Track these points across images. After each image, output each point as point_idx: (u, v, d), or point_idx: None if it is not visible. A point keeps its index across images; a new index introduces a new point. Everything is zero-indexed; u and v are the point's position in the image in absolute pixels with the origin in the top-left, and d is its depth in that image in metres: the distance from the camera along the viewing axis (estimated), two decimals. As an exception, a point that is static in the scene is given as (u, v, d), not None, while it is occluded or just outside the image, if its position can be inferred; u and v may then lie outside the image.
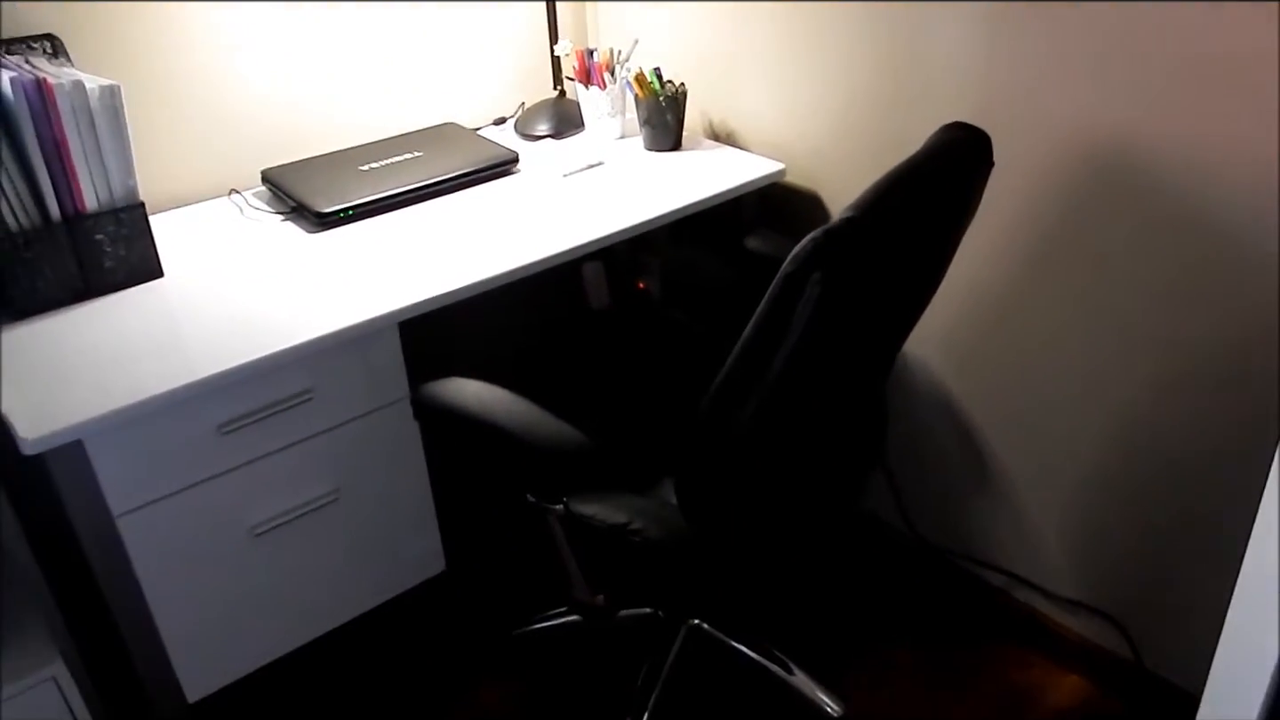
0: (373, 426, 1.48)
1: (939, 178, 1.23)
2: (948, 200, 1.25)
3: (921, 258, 1.26)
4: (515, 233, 1.61)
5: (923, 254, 1.25)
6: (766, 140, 1.90)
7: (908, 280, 1.26)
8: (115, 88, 1.37)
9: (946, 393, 1.78)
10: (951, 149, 1.26)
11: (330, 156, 1.85)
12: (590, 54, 1.94)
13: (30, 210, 1.38)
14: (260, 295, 1.45)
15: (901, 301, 1.30)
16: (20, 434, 1.17)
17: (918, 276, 1.29)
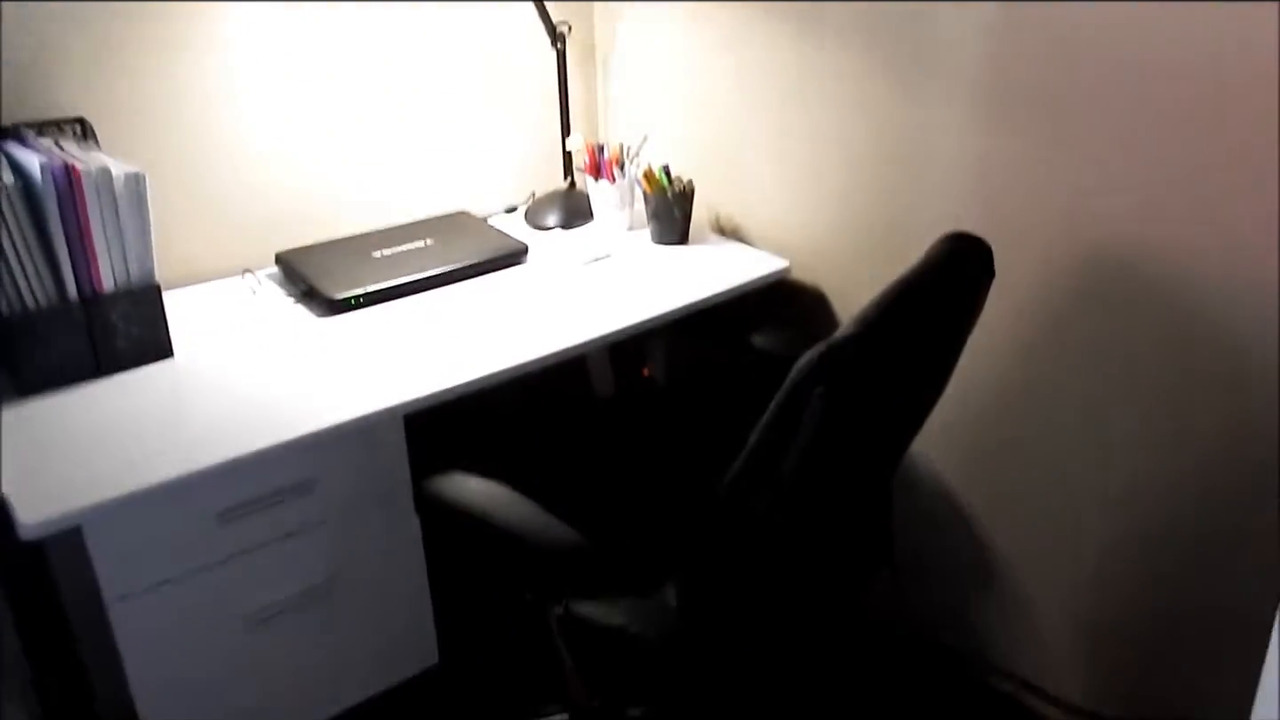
0: (372, 517, 1.48)
1: (941, 290, 1.25)
2: (950, 312, 1.27)
3: (924, 368, 1.27)
4: (523, 325, 1.63)
5: (926, 365, 1.27)
6: (772, 236, 1.93)
7: (911, 390, 1.28)
8: (140, 175, 1.40)
9: (951, 492, 1.78)
10: (953, 260, 1.28)
11: (344, 241, 1.88)
12: (601, 149, 1.99)
13: (49, 288, 1.40)
14: (268, 380, 1.46)
15: (905, 409, 1.31)
16: (20, 518, 1.16)
17: (921, 386, 1.30)
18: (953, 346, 1.30)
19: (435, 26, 1.95)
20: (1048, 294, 1.53)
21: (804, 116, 1.79)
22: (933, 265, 1.26)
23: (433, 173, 2.05)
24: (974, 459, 1.73)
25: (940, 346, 1.28)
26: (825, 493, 1.24)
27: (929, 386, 1.32)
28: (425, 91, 1.98)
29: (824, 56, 1.71)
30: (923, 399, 1.33)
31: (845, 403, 1.09)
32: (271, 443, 1.31)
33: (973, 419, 1.69)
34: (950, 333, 1.28)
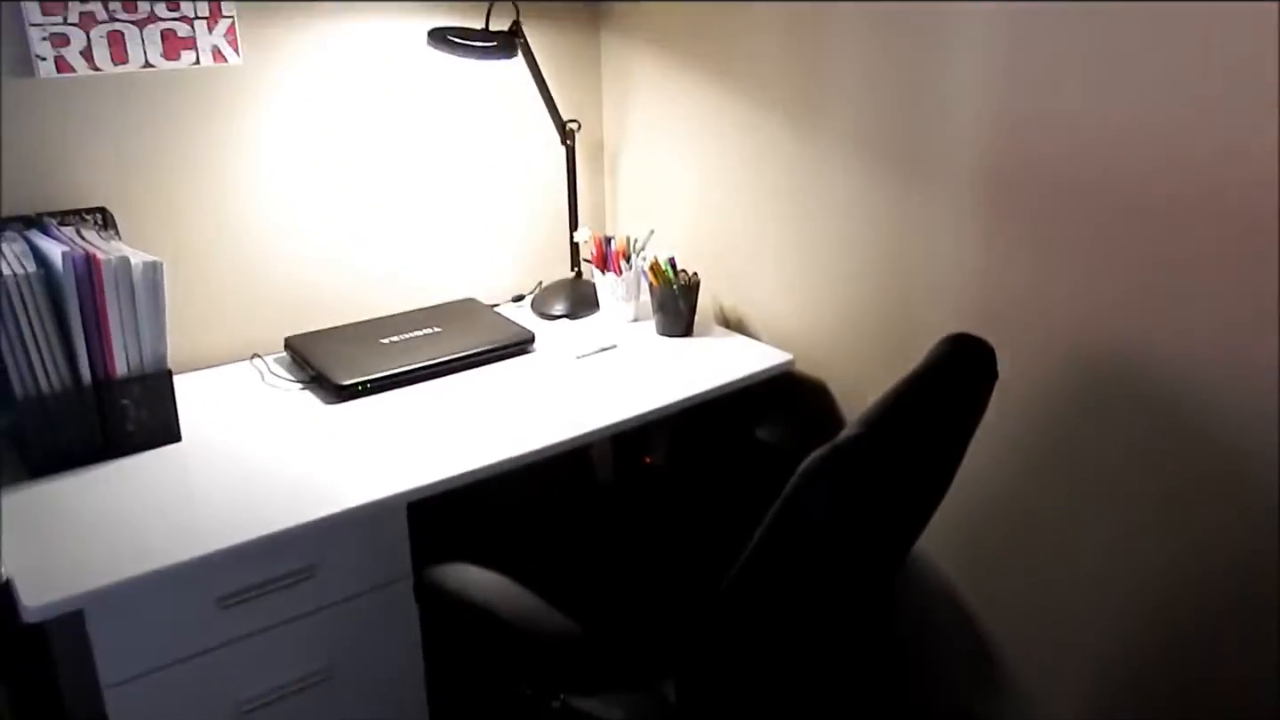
0: (371, 606, 1.48)
1: (944, 391, 1.27)
2: (953, 413, 1.29)
3: (928, 469, 1.28)
4: (528, 414, 1.65)
5: (929, 466, 1.28)
6: (776, 329, 1.96)
7: (915, 490, 1.28)
8: (157, 264, 1.44)
9: (954, 591, 1.77)
10: (955, 361, 1.30)
11: (353, 326, 1.91)
12: (608, 241, 2.03)
13: (63, 372, 1.43)
14: (274, 466, 1.48)
15: (909, 510, 1.32)
16: (23, 601, 1.17)
17: (924, 486, 1.31)
18: (956, 447, 1.32)
19: (448, 119, 2.01)
20: (1049, 394, 1.55)
21: (808, 214, 1.83)
22: (935, 366, 1.28)
23: (442, 261, 2.09)
24: (976, 557, 1.73)
25: (944, 447, 1.29)
26: (827, 592, 1.25)
27: (932, 487, 1.33)
28: (436, 181, 2.03)
29: (828, 157, 1.76)
30: (926, 499, 1.34)
31: (849, 504, 1.10)
32: (274, 529, 1.32)
33: (975, 518, 1.70)
34: (953, 433, 1.29)
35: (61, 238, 1.47)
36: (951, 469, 1.36)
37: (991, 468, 1.64)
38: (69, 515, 1.35)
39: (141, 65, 1.63)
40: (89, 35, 1.57)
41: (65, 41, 1.55)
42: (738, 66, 1.88)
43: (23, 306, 1.36)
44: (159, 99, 1.68)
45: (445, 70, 1.97)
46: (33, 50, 1.53)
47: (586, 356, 1.88)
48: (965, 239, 1.60)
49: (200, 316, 1.81)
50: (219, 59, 1.69)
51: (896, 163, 1.66)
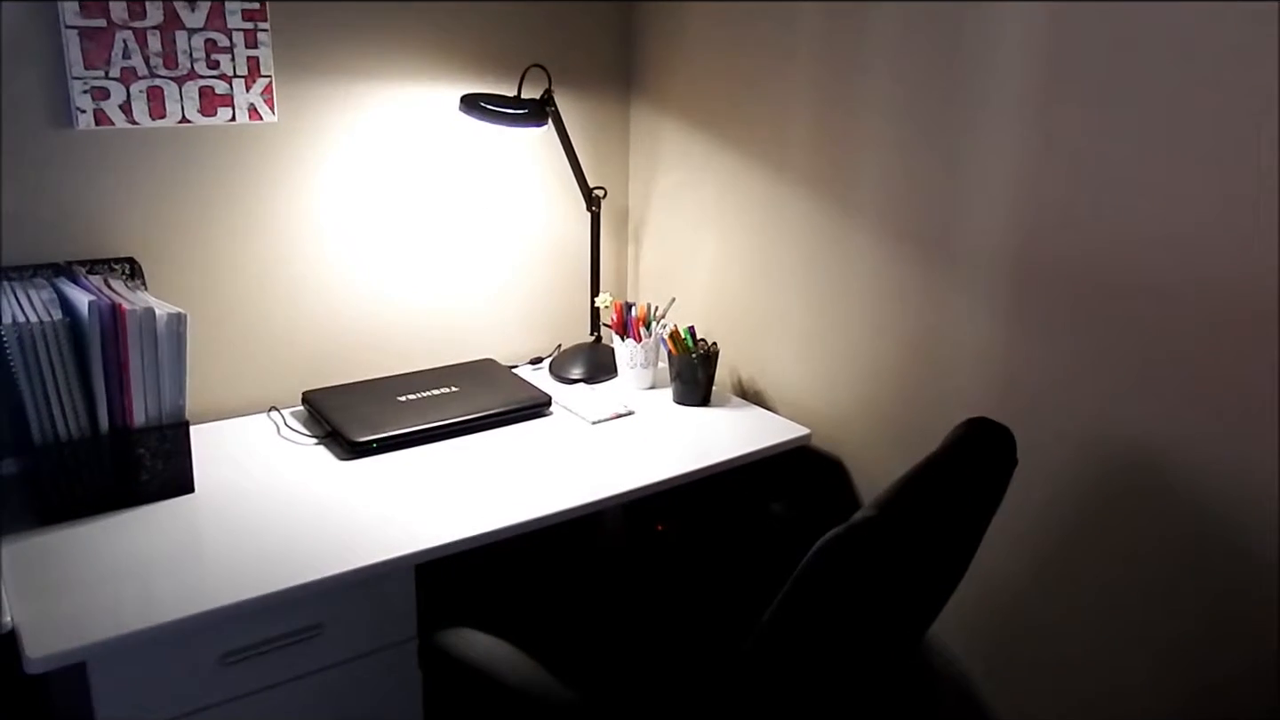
0: (375, 667, 1.46)
1: (962, 476, 1.26)
2: (971, 498, 1.27)
3: (943, 554, 1.27)
4: (542, 478, 1.64)
5: (945, 550, 1.26)
6: (793, 403, 1.95)
7: (929, 575, 1.27)
8: (181, 315, 1.45)
9: (969, 681, 1.74)
10: (975, 446, 1.29)
11: (371, 383, 1.92)
12: (629, 307, 2.04)
13: (82, 420, 1.43)
14: (284, 522, 1.47)
15: (923, 595, 1.30)
16: (27, 651, 1.16)
17: (940, 571, 1.29)
18: (973, 533, 1.30)
19: (475, 182, 2.04)
20: (1070, 484, 1.53)
21: (830, 290, 1.84)
22: (954, 450, 1.27)
23: (462, 320, 2.10)
24: (990, 644, 1.69)
25: (960, 533, 1.27)
26: (838, 670, 1.22)
27: (948, 572, 1.31)
28: (461, 242, 2.06)
29: (851, 235, 1.77)
30: (941, 585, 1.32)
31: (862, 585, 1.09)
32: (282, 586, 1.31)
33: (990, 605, 1.66)
34: (971, 519, 1.28)
35: (89, 286, 1.49)
36: (967, 556, 1.34)
37: (1009, 556, 1.61)
38: (78, 564, 1.35)
39: (178, 120, 1.66)
40: (129, 90, 1.60)
41: (105, 95, 1.59)
42: (765, 141, 1.91)
43: (47, 353, 1.37)
44: (193, 154, 1.71)
45: (475, 134, 2.00)
46: (73, 103, 1.57)
47: (603, 422, 1.88)
48: (988, 324, 1.59)
49: (220, 368, 1.82)
50: (255, 117, 1.73)
51: (921, 244, 1.66)
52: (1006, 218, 1.53)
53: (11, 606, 1.23)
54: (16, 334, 1.35)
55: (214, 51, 1.66)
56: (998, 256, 1.56)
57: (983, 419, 1.32)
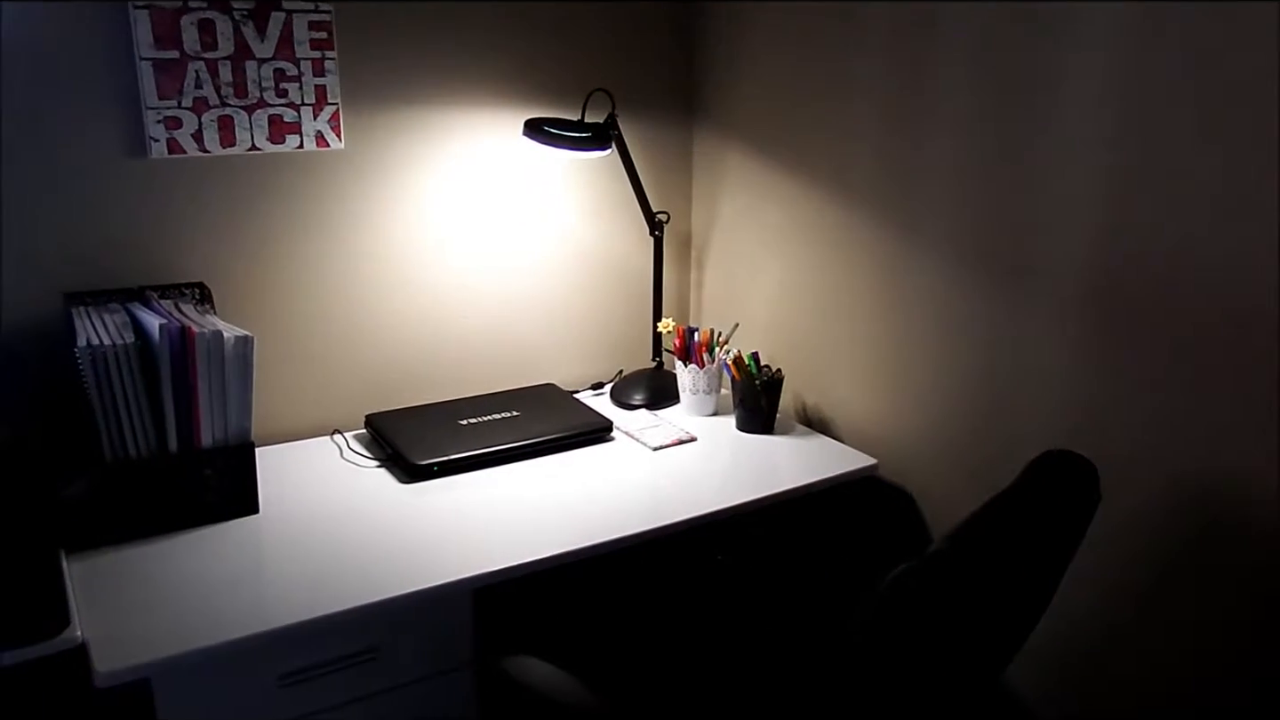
0: (431, 692, 1.46)
1: (1039, 510, 1.20)
2: (1049, 535, 1.22)
3: (1020, 593, 1.21)
4: (601, 504, 1.63)
5: (1021, 589, 1.21)
6: (859, 432, 1.91)
7: (1004, 615, 1.21)
8: (248, 338, 1.47)
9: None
10: (1054, 480, 1.23)
11: (433, 407, 1.93)
12: (691, 332, 2.02)
13: (150, 440, 1.46)
14: (345, 543, 1.47)
15: (998, 635, 1.24)
16: (95, 666, 1.18)
17: (1016, 611, 1.24)
18: (1052, 571, 1.24)
19: (538, 206, 2.05)
20: (1158, 521, 1.45)
21: (897, 316, 1.80)
22: (1032, 483, 1.21)
23: (523, 345, 2.10)
24: (1068, 689, 1.61)
25: (1038, 571, 1.22)
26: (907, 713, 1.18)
27: (1024, 613, 1.25)
28: (523, 266, 2.06)
29: (919, 259, 1.73)
30: (1017, 626, 1.27)
31: (933, 624, 1.05)
32: (341, 608, 1.32)
33: (1072, 650, 1.58)
34: (1049, 556, 1.22)
35: (160, 310, 1.52)
36: (1046, 595, 1.27)
37: (1092, 597, 1.53)
38: (145, 582, 1.36)
39: (248, 148, 1.69)
40: (201, 119, 1.64)
41: (178, 124, 1.62)
42: (829, 164, 1.88)
43: (119, 375, 1.40)
44: (261, 181, 1.74)
45: (538, 160, 2.01)
46: (147, 132, 1.61)
47: (664, 448, 1.86)
48: (1067, 351, 1.53)
49: (285, 391, 1.84)
50: (321, 144, 1.76)
51: (993, 269, 1.62)
52: (1088, 241, 1.47)
53: (81, 622, 1.24)
54: (90, 356, 1.38)
55: (283, 80, 1.69)
56: (1078, 281, 1.50)
57: (1063, 451, 1.25)
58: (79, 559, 1.40)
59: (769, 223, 2.04)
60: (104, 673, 1.18)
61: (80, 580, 1.35)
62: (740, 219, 2.13)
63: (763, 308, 2.09)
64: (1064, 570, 1.26)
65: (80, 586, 1.34)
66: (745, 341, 2.06)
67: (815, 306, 1.97)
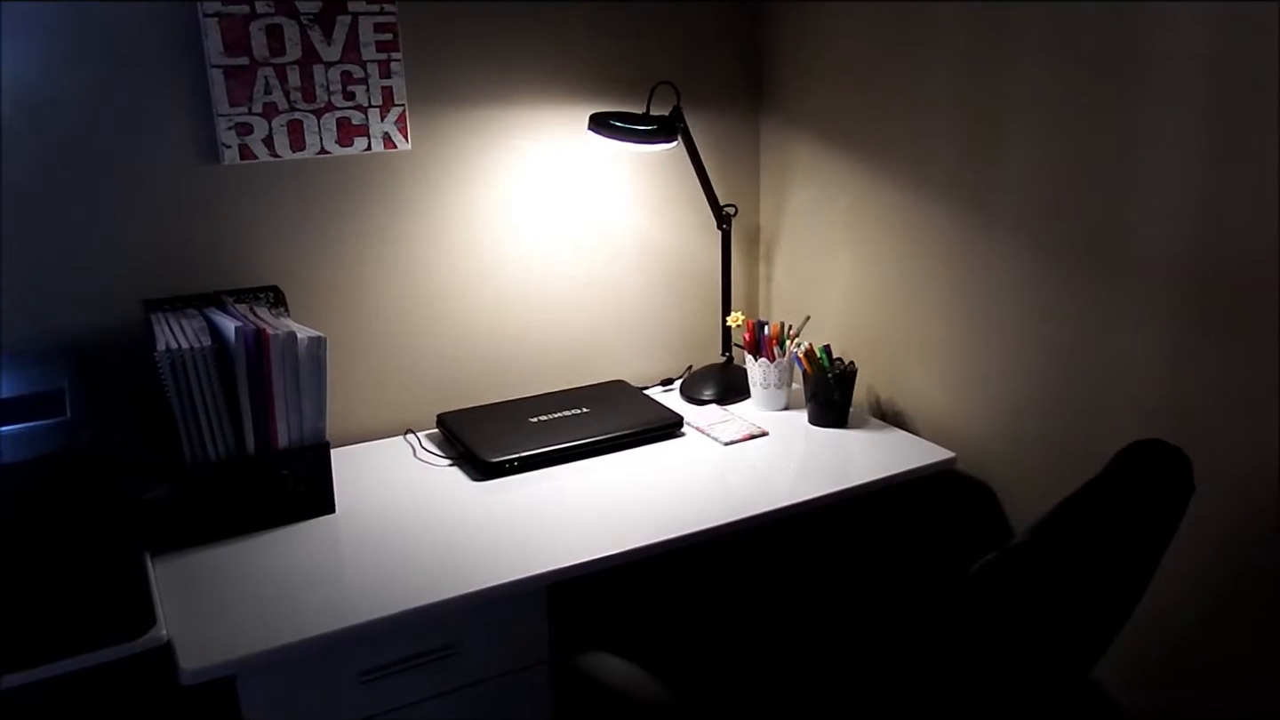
0: (508, 689, 1.45)
1: (1128, 502, 1.15)
2: (1138, 528, 1.17)
3: (1106, 588, 1.17)
4: (674, 499, 1.61)
5: (1107, 585, 1.16)
6: (936, 425, 1.87)
7: (1089, 610, 1.17)
8: (322, 339, 1.48)
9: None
10: (1144, 471, 1.19)
11: (503, 405, 1.93)
12: (761, 326, 1.99)
13: (229, 442, 1.48)
14: (421, 541, 1.48)
15: (1084, 632, 1.20)
16: (181, 664, 1.21)
17: (1101, 607, 1.19)
18: (1142, 566, 1.19)
19: (604, 202, 2.04)
20: (1254, 514, 1.39)
21: (975, 305, 1.75)
22: (1121, 474, 1.16)
23: (592, 342, 2.10)
24: (1158, 689, 1.55)
25: (1127, 565, 1.17)
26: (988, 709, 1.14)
27: (1112, 609, 1.21)
28: (590, 263, 2.05)
29: (997, 245, 1.68)
30: (1104, 622, 1.22)
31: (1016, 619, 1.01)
32: (418, 604, 1.32)
33: (1165, 650, 1.52)
34: (1139, 550, 1.17)
35: (236, 314, 1.54)
36: (1136, 591, 1.23)
37: (1185, 594, 1.47)
38: (227, 582, 1.39)
39: (317, 152, 1.71)
40: (271, 124, 1.66)
41: (249, 130, 1.65)
42: (901, 150, 1.84)
43: (197, 378, 1.43)
44: (331, 184, 1.76)
45: (604, 155, 2.00)
46: (219, 139, 1.63)
47: (736, 443, 1.84)
48: (1155, 341, 1.47)
49: (358, 392, 1.86)
50: (389, 145, 1.77)
51: (1077, 256, 1.56)
52: (1182, 228, 1.41)
53: (166, 621, 1.27)
54: (169, 360, 1.41)
55: (350, 83, 1.70)
56: (1170, 268, 1.43)
57: (1154, 441, 1.20)
58: (163, 560, 1.43)
59: (839, 213, 2.01)
60: (190, 670, 1.20)
61: (164, 581, 1.38)
62: (810, 210, 2.09)
63: (834, 300, 2.06)
64: (1156, 564, 1.21)
65: (164, 587, 1.36)
66: (816, 335, 2.02)
67: (888, 298, 1.93)
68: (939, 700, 1.07)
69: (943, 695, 1.07)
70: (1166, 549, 1.21)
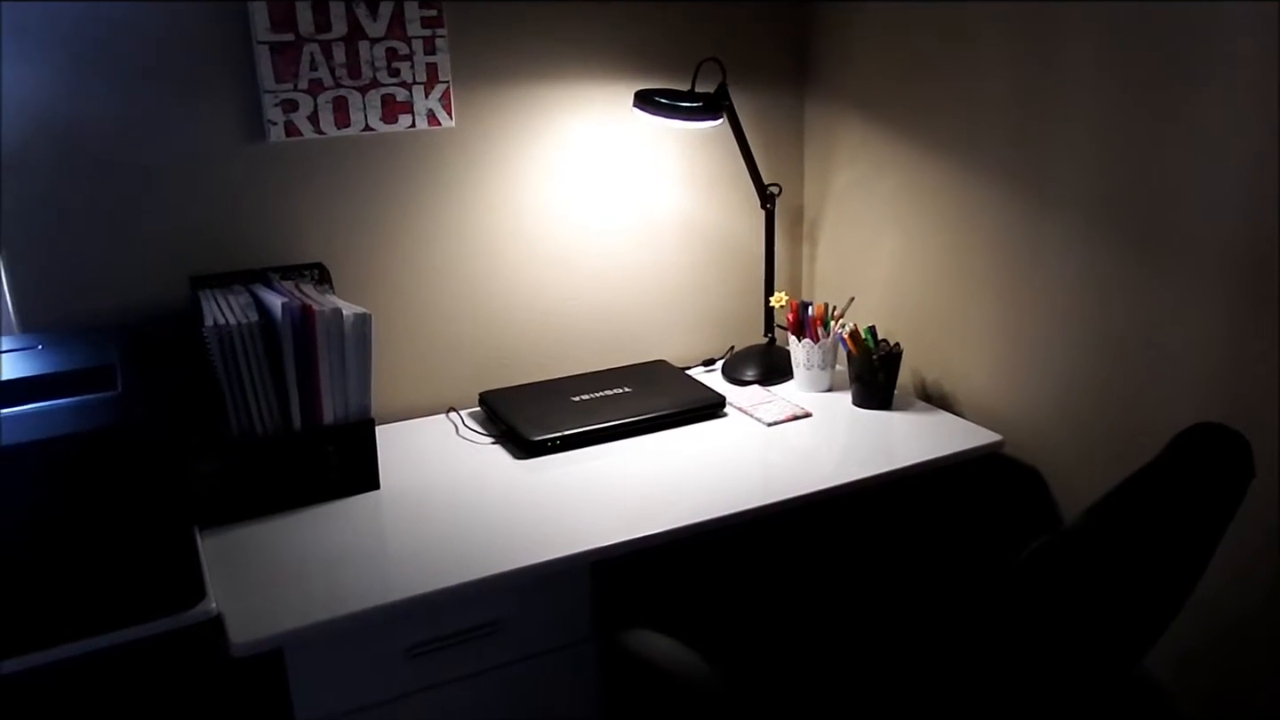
0: (551, 665, 1.46)
1: (1185, 486, 1.13)
2: (1195, 512, 1.14)
3: (1161, 573, 1.14)
4: (717, 478, 1.60)
5: (1163, 569, 1.14)
6: (983, 408, 1.84)
7: (1144, 595, 1.15)
8: (367, 316, 1.49)
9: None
10: (1202, 455, 1.16)
11: (546, 384, 1.93)
12: (805, 307, 1.97)
13: (276, 418, 1.49)
14: (464, 519, 1.49)
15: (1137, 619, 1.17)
16: (231, 637, 1.22)
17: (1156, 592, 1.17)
18: (1199, 551, 1.16)
19: (647, 182, 2.02)
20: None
21: (1024, 285, 1.72)
22: (1177, 457, 1.14)
23: (634, 322, 2.09)
24: (1212, 678, 1.53)
25: (1183, 550, 1.15)
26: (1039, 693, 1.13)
27: (1167, 594, 1.18)
28: (633, 242, 2.04)
29: (1048, 224, 1.65)
30: (1159, 608, 1.20)
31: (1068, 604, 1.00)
32: (463, 580, 1.33)
33: (1222, 642, 1.49)
34: (1196, 535, 1.15)
35: (282, 291, 1.55)
36: (1192, 577, 1.20)
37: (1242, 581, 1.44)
38: (274, 556, 1.40)
39: (362, 129, 1.71)
40: (316, 101, 1.66)
41: (294, 107, 1.65)
42: (950, 130, 1.80)
43: (244, 354, 1.44)
44: (375, 160, 1.76)
45: (647, 133, 1.98)
46: (265, 116, 1.64)
47: (779, 424, 1.82)
48: (1214, 320, 1.43)
49: (401, 370, 1.87)
50: (433, 122, 1.76)
51: (1135, 236, 1.52)
52: (1244, 208, 1.37)
53: (215, 595, 1.28)
54: (217, 335, 1.42)
55: (394, 60, 1.70)
56: (1231, 249, 1.39)
57: (1211, 424, 1.18)
58: (211, 535, 1.45)
59: (886, 193, 1.98)
60: (240, 643, 1.21)
61: (213, 555, 1.39)
62: (855, 190, 2.06)
63: (879, 281, 2.03)
64: (1212, 550, 1.19)
65: (213, 562, 1.38)
66: (861, 316, 2.00)
67: (935, 278, 1.90)
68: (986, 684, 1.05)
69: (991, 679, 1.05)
70: (1223, 534, 1.18)
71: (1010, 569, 1.01)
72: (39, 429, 1.16)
